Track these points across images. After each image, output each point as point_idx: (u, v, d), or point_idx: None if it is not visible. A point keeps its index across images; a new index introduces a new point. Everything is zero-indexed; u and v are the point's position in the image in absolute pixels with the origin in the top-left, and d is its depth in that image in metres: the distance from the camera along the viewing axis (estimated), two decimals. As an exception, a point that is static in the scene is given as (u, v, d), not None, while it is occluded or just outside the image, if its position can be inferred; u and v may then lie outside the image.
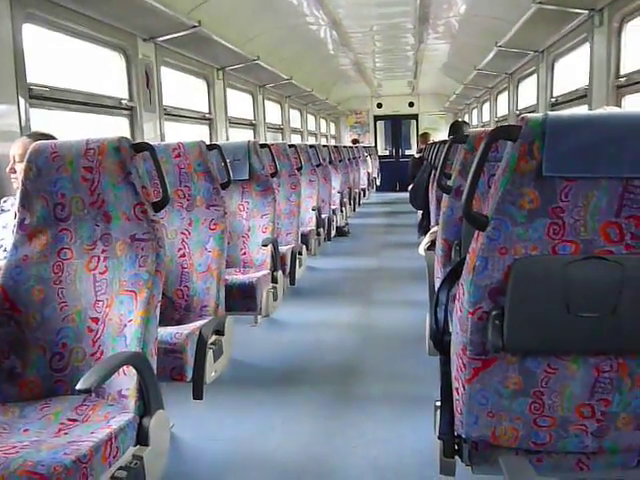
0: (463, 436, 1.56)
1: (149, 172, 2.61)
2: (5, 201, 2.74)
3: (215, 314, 2.76)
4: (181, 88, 5.65)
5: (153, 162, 2.08)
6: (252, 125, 7.82)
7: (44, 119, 3.47)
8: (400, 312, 4.24)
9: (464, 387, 1.49)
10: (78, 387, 1.51)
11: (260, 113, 8.02)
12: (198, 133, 6.09)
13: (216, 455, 2.38)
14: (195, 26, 4.52)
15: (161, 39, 4.56)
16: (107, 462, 1.55)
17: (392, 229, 8.64)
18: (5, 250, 2.58)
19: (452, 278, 1.72)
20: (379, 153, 15.25)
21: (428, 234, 3.34)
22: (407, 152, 14.73)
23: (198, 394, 2.42)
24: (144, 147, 2.04)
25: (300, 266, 4.67)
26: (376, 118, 15.28)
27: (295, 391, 2.99)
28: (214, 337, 2.65)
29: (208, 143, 3.11)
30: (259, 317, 3.80)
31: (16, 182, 2.62)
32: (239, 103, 7.41)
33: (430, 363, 1.88)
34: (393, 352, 3.47)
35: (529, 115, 1.33)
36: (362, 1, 6.29)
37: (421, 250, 3.39)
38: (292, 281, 4.43)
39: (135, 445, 1.71)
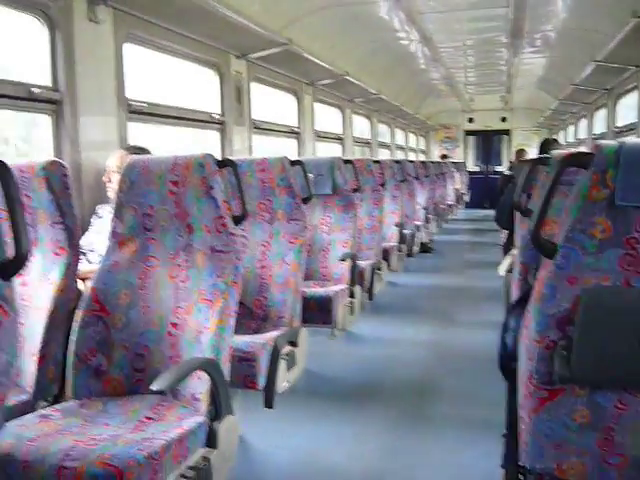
0: (527, 467, 1.53)
1: (233, 185, 2.73)
2: (101, 208, 2.94)
3: (290, 325, 2.82)
4: (270, 102, 5.83)
5: (235, 178, 2.18)
6: (339, 139, 7.92)
7: (141, 132, 3.72)
8: (480, 333, 4.15)
9: (529, 417, 1.46)
10: (152, 387, 1.61)
11: (348, 127, 8.11)
12: (283, 145, 6.26)
13: (283, 464, 2.44)
14: (286, 44, 4.66)
15: (253, 56, 4.74)
16: (177, 461, 1.63)
17: (478, 247, 8.46)
18: (100, 255, 2.77)
19: (522, 303, 1.69)
20: (469, 169, 14.97)
21: (509, 255, 3.26)
22: (497, 168, 14.39)
23: (269, 403, 2.49)
24: (227, 163, 2.14)
25: (380, 281, 4.68)
26: (467, 133, 15.03)
27: (366, 406, 3.00)
28: (288, 348, 2.71)
29: (294, 158, 3.20)
30: (336, 330, 3.85)
31: (111, 191, 2.81)
32: (327, 117, 7.53)
33: (506, 388, 1.85)
34: (469, 374, 3.41)
35: (603, 142, 1.30)
36: (454, 17, 6.25)
37: (501, 271, 3.31)
38: (371, 296, 4.44)
39: (204, 447, 1.78)
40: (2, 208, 1.23)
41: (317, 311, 3.42)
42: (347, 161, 4.28)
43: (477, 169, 15.18)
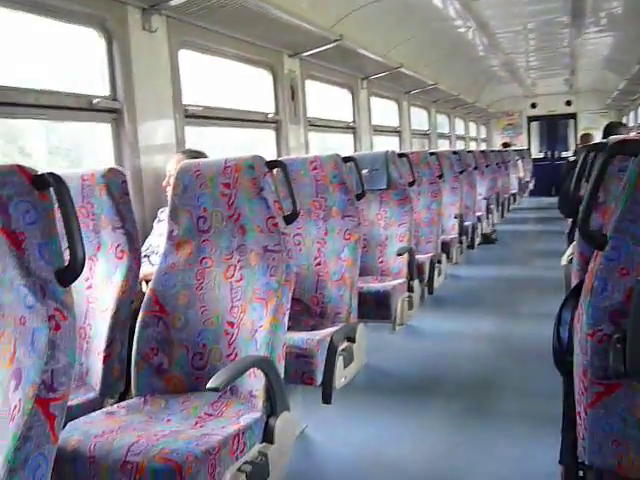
0: (586, 463, 1.49)
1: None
2: (162, 212, 3.04)
3: (347, 321, 2.84)
4: (325, 98, 5.86)
5: (284, 178, 2.21)
6: (397, 132, 7.86)
7: (200, 133, 3.82)
8: (544, 326, 3.99)
9: (586, 412, 1.42)
10: (208, 386, 1.66)
11: (405, 120, 8.03)
12: (338, 140, 6.27)
13: (343, 459, 2.46)
14: (338, 39, 4.67)
15: (305, 54, 4.77)
16: (234, 456, 1.68)
17: (543, 236, 8.22)
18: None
19: (576, 295, 1.64)
20: (533, 156, 14.54)
21: (571, 245, 3.15)
22: (563, 154, 13.90)
23: (327, 398, 2.51)
24: (277, 164, 2.17)
25: (439, 274, 4.63)
26: (530, 119, 14.60)
27: (427, 401, 2.99)
28: (345, 344, 2.73)
29: (345, 155, 3.20)
30: (396, 325, 3.83)
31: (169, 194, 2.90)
32: (383, 110, 7.49)
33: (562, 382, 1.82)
34: (533, 367, 3.33)
35: None
36: (511, 1, 6.10)
37: (564, 261, 3.21)
38: (430, 290, 4.40)
39: (261, 442, 1.82)
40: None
41: (375, 306, 3.43)
42: (402, 154, 4.25)
43: (542, 156, 14.73)
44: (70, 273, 1.24)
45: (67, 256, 1.27)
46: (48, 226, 1.25)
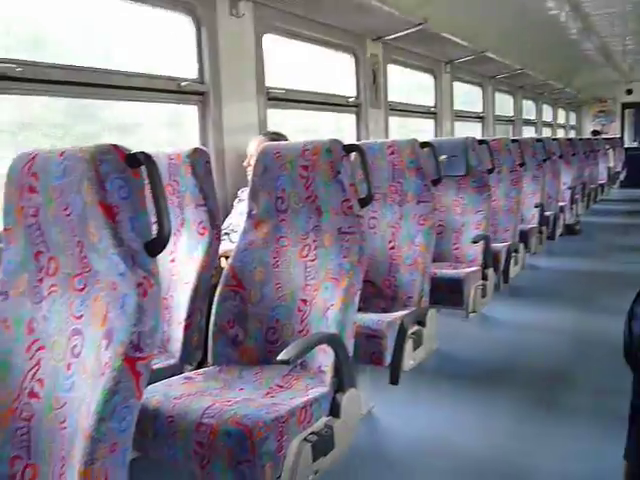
0: None
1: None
2: (242, 192, 3.16)
3: (419, 306, 2.87)
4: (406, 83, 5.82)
5: (361, 162, 2.26)
6: (480, 118, 7.70)
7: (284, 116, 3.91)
8: (623, 322, 3.91)
9: (653, 408, 1.41)
10: (279, 358, 1.75)
11: (489, 105, 7.85)
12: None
13: (406, 439, 2.51)
14: (421, 23, 4.63)
15: (388, 38, 4.76)
16: (301, 426, 1.76)
17: (631, 230, 7.85)
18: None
19: (652, 290, 1.60)
20: (625, 145, 13.82)
21: (658, 239, 3.04)
22: (659, 145, 13.15)
23: (394, 379, 2.56)
24: (354, 148, 2.22)
25: (516, 264, 4.54)
26: (624, 106, 13.85)
27: (495, 390, 2.98)
28: (415, 327, 2.76)
29: (423, 140, 3.21)
30: (469, 312, 3.81)
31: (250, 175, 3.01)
32: (466, 95, 7.36)
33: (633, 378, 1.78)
34: (607, 363, 3.22)
35: None
36: (608, -18, 5.84)
37: (649, 256, 3.10)
38: (506, 279, 4.34)
39: (328, 416, 1.89)
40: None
41: (448, 293, 3.42)
42: (482, 141, 4.19)
43: (636, 145, 13.97)
44: (157, 245, 1.35)
45: (155, 229, 1.38)
46: (139, 201, 1.35)
